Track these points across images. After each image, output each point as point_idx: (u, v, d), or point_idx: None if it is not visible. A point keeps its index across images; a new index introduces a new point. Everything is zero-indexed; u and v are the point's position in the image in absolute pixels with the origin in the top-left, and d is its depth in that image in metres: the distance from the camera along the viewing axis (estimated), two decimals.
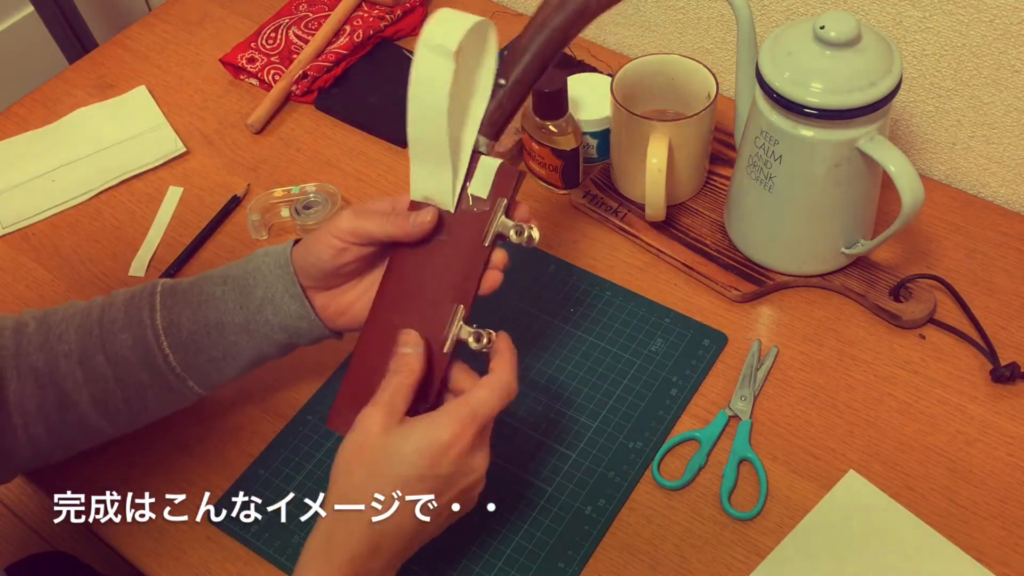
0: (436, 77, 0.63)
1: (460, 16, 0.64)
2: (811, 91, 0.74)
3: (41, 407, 0.70)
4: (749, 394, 0.80)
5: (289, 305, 0.71)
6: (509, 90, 0.68)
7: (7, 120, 1.09)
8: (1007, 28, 0.84)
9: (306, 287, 0.72)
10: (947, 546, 0.72)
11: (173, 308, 0.72)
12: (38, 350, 0.70)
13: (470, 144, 0.68)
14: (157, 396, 0.72)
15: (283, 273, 0.71)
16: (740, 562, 0.72)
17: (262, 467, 0.79)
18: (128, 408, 0.72)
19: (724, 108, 0.99)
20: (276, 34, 1.14)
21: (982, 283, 0.87)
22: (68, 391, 0.70)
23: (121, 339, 0.71)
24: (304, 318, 0.72)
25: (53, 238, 0.98)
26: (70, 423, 0.71)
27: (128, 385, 0.71)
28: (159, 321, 0.71)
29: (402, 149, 1.03)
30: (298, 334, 0.73)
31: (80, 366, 0.70)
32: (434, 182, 0.68)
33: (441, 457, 0.63)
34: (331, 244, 0.69)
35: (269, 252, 0.73)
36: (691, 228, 0.92)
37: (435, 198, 0.69)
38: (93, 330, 0.71)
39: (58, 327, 0.72)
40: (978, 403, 0.80)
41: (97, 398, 0.71)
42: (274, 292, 0.71)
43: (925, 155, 0.97)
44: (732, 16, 0.95)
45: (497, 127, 0.68)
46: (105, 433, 0.73)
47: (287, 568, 0.74)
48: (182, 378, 0.72)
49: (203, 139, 1.06)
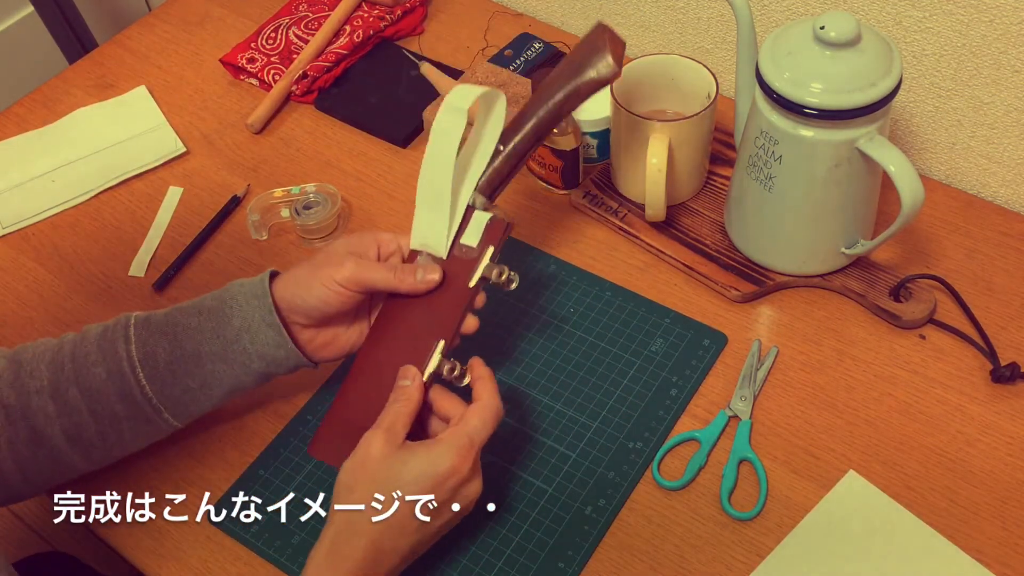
0: (450, 130, 0.71)
1: (476, 87, 0.74)
2: (811, 91, 0.74)
3: (12, 442, 0.70)
4: (749, 394, 0.80)
5: (266, 334, 0.73)
6: (506, 156, 0.75)
7: (7, 120, 1.09)
8: (1007, 28, 0.84)
9: (294, 323, 0.74)
10: (947, 546, 0.72)
11: (148, 339, 0.72)
12: (9, 387, 0.71)
13: (467, 198, 0.75)
14: (132, 428, 0.73)
15: (260, 303, 0.73)
16: (740, 562, 0.72)
17: (262, 467, 0.79)
18: (102, 441, 0.72)
19: (724, 108, 0.99)
20: (276, 34, 1.14)
21: (982, 283, 0.87)
22: (40, 426, 0.70)
23: (95, 372, 0.71)
24: (281, 346, 0.73)
25: (53, 238, 0.98)
26: (41, 458, 0.71)
27: (103, 418, 0.71)
28: (135, 353, 0.72)
29: (402, 149, 1.03)
30: (275, 363, 0.74)
31: (52, 400, 0.71)
32: (432, 231, 0.74)
33: (440, 485, 0.66)
34: (336, 291, 0.72)
35: (244, 283, 0.74)
36: (691, 228, 0.92)
37: (431, 244, 0.74)
38: (65, 365, 0.72)
39: (29, 364, 0.72)
40: (978, 403, 0.80)
41: (70, 432, 0.71)
42: (251, 321, 0.73)
43: (925, 155, 0.97)
44: (732, 16, 0.95)
45: (492, 188, 0.76)
46: (78, 468, 0.73)
47: (287, 568, 0.73)
48: (158, 409, 0.72)
49: (203, 139, 1.06)
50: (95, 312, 0.91)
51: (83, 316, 0.91)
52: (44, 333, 0.89)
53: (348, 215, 0.97)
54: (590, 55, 0.75)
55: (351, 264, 0.72)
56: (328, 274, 0.71)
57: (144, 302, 0.91)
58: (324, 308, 0.72)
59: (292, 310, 0.73)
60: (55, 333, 0.89)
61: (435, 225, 0.74)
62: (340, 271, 0.71)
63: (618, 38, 0.76)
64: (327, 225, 0.94)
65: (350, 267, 0.71)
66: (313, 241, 0.95)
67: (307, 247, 0.95)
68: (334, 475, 0.77)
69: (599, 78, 0.74)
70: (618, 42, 0.75)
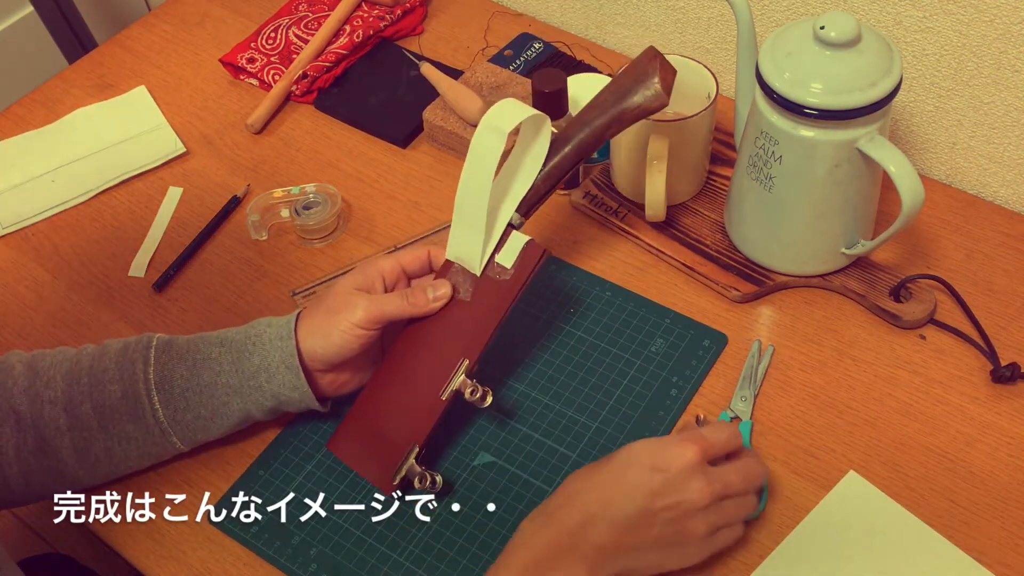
0: (488, 153, 0.71)
1: (520, 107, 0.72)
2: (811, 91, 0.74)
3: (20, 450, 0.70)
4: (749, 395, 0.80)
5: (284, 376, 0.73)
6: (545, 175, 0.75)
7: (7, 120, 1.09)
8: (1007, 28, 0.84)
9: (314, 369, 0.75)
10: (947, 546, 0.72)
11: (167, 364, 0.73)
12: (23, 393, 0.71)
13: (507, 218, 0.75)
14: (139, 448, 0.73)
15: (283, 345, 0.73)
16: (740, 562, 0.72)
17: (262, 467, 0.79)
18: (108, 458, 0.73)
19: (724, 108, 0.99)
20: (276, 34, 1.13)
21: (982, 283, 0.87)
22: (49, 437, 0.71)
23: (111, 390, 0.72)
24: (297, 389, 0.74)
25: (53, 238, 0.98)
26: (47, 469, 0.72)
27: (112, 435, 0.72)
28: (152, 375, 0.72)
29: (402, 149, 1.03)
30: (288, 402, 0.75)
31: (65, 413, 0.71)
32: (467, 248, 0.75)
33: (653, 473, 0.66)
34: (354, 335, 0.73)
35: (271, 323, 0.75)
36: (691, 228, 0.92)
37: (465, 260, 0.75)
38: (82, 378, 0.72)
39: (46, 373, 0.72)
40: (978, 403, 0.79)
41: (79, 446, 0.71)
42: (270, 361, 0.73)
43: (925, 155, 0.97)
44: (732, 16, 0.95)
45: (529, 206, 0.76)
46: (81, 481, 0.74)
47: (287, 568, 0.73)
48: (167, 433, 0.73)
49: (203, 139, 1.06)
50: (95, 312, 0.91)
51: (83, 316, 0.91)
52: (44, 333, 0.89)
53: (348, 215, 0.97)
54: (638, 82, 0.73)
55: (364, 303, 0.72)
56: (344, 319, 0.72)
57: (144, 302, 0.91)
58: (345, 353, 0.73)
59: (312, 358, 0.74)
60: (55, 333, 0.89)
61: (470, 243, 0.75)
62: (355, 313, 0.72)
63: (669, 65, 0.74)
64: (327, 225, 0.94)
65: (363, 306, 0.72)
66: (313, 241, 0.95)
67: (307, 247, 0.95)
68: (334, 475, 0.78)
69: (646, 106, 0.73)
70: (668, 70, 0.74)
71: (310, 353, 0.74)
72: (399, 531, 0.75)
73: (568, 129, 0.76)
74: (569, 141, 0.75)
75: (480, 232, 0.74)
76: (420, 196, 0.98)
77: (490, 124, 0.71)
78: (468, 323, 0.74)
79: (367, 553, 0.74)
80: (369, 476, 0.76)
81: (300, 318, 0.75)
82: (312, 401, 0.75)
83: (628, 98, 0.73)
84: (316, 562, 0.74)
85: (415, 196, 0.99)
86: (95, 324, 0.90)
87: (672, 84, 0.73)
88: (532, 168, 0.76)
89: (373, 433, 0.75)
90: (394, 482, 0.74)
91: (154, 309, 0.91)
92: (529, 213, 0.76)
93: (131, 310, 0.91)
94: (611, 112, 0.74)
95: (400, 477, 0.73)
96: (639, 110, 0.74)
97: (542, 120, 0.74)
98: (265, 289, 0.92)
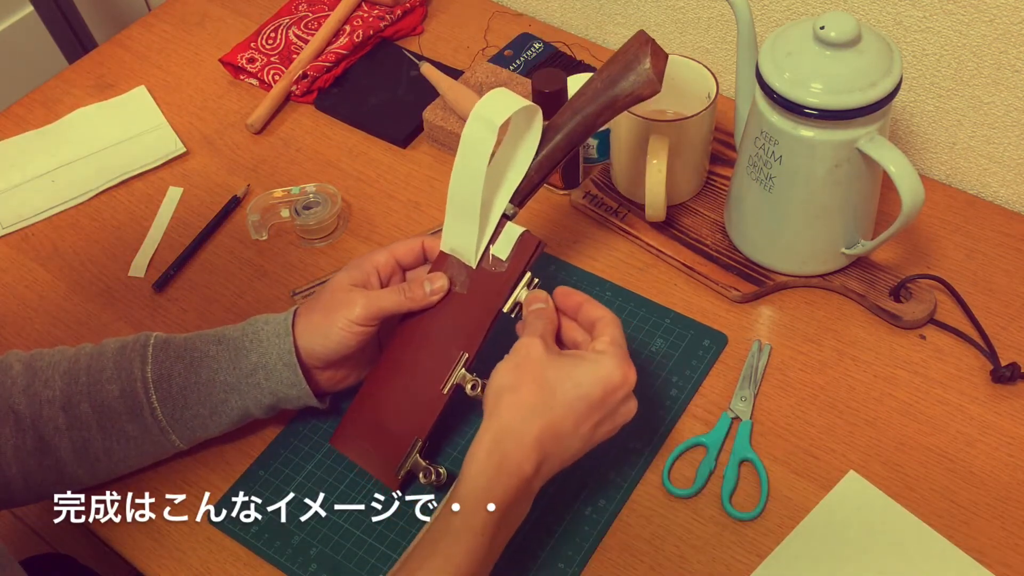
0: (480, 144, 0.70)
1: (512, 97, 0.71)
2: (811, 91, 0.74)
3: (19, 450, 0.70)
4: (749, 395, 0.80)
5: (282, 373, 0.73)
6: (538, 164, 0.74)
7: (7, 120, 1.09)
8: (1007, 28, 0.84)
9: (312, 366, 0.75)
10: (947, 546, 0.72)
11: (165, 362, 0.73)
12: (21, 393, 0.71)
13: (500, 209, 0.74)
14: (138, 447, 0.73)
15: (281, 342, 0.73)
16: (740, 563, 0.72)
17: (262, 467, 0.79)
18: (108, 457, 0.73)
19: (724, 108, 0.99)
20: (276, 34, 1.13)
21: (982, 283, 0.87)
22: (48, 436, 0.71)
23: (109, 389, 0.72)
24: (295, 386, 0.74)
25: (53, 238, 0.98)
26: (46, 468, 0.72)
27: (111, 434, 0.72)
28: (150, 374, 0.72)
29: (402, 149, 1.03)
30: (286, 399, 0.75)
31: (63, 412, 0.71)
32: (462, 238, 0.74)
33: (612, 394, 0.67)
34: (353, 332, 0.72)
35: (269, 320, 0.75)
36: (691, 228, 0.92)
37: (460, 252, 0.74)
38: (80, 377, 0.72)
39: (44, 372, 0.72)
40: (978, 403, 0.80)
41: (77, 445, 0.71)
42: (268, 359, 0.73)
43: (925, 155, 0.97)
44: (732, 16, 0.95)
45: (522, 196, 0.75)
46: (81, 481, 0.74)
47: (287, 568, 0.73)
48: (166, 431, 0.73)
49: (203, 139, 1.06)
50: (95, 312, 0.91)
51: (83, 316, 0.91)
52: (44, 333, 0.89)
53: (348, 215, 0.97)
54: (627, 68, 0.71)
55: (361, 300, 0.72)
56: (342, 316, 0.72)
57: (144, 302, 0.91)
58: (343, 351, 0.73)
59: (310, 356, 0.74)
60: (55, 333, 0.89)
61: (465, 235, 0.74)
62: (353, 310, 0.72)
63: (660, 50, 0.71)
64: (327, 225, 0.94)
65: (361, 303, 0.72)
66: (313, 241, 0.95)
67: (307, 247, 0.95)
68: (334, 475, 0.78)
69: (636, 93, 0.71)
70: (660, 55, 0.71)
71: (308, 351, 0.74)
72: (399, 531, 0.75)
73: (559, 117, 0.74)
74: (560, 129, 0.74)
75: (474, 223, 0.73)
76: (420, 196, 0.98)
77: (480, 115, 0.70)
78: (465, 316, 0.74)
79: (367, 553, 0.74)
80: (373, 471, 0.76)
81: (297, 315, 0.75)
82: (310, 398, 0.75)
83: (618, 85, 0.71)
84: (316, 562, 0.74)
85: (415, 196, 0.99)
86: (95, 324, 0.90)
87: (664, 69, 0.71)
88: (525, 158, 0.74)
89: (375, 428, 0.75)
90: (398, 476, 0.73)
91: (154, 309, 0.91)
92: (523, 203, 0.76)
93: (131, 310, 0.91)
94: (601, 99, 0.72)
95: (404, 471, 0.73)
96: (630, 97, 0.72)
97: (534, 111, 0.73)
98: (265, 289, 0.92)
